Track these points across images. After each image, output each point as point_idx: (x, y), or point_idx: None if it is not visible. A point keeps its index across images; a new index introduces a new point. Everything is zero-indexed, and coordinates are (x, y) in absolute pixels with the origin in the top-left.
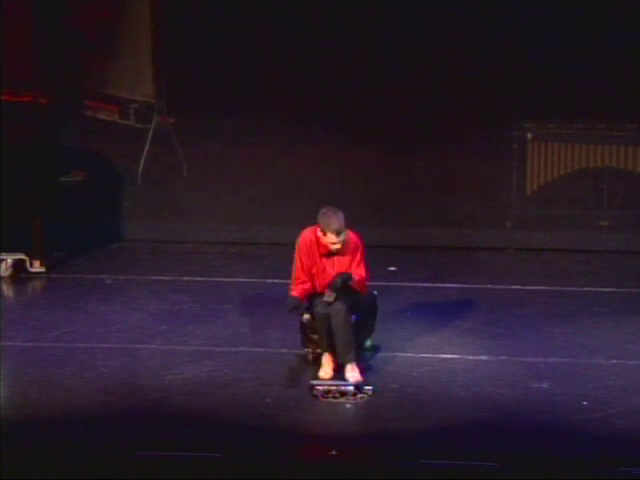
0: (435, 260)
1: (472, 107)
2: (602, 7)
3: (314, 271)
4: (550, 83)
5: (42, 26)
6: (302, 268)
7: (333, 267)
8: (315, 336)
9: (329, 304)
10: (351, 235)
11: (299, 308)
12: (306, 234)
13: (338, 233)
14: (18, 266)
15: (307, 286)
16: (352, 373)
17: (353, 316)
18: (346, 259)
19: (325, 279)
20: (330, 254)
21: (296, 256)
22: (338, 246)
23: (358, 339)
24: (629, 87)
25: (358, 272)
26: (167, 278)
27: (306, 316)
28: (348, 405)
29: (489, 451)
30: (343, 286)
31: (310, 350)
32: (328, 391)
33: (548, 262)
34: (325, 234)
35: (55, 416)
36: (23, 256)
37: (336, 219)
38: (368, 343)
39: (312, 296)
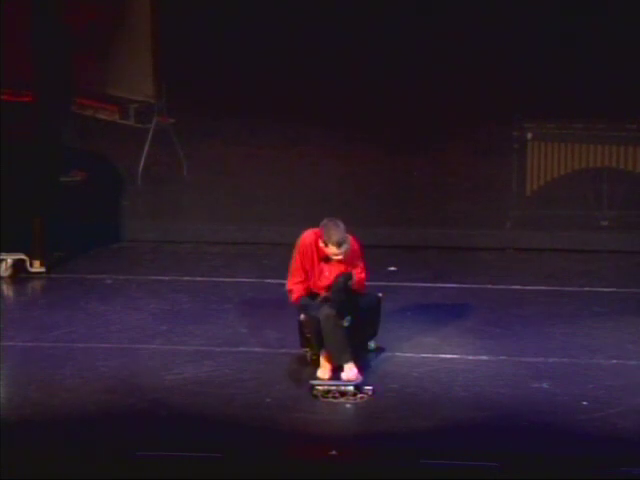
0: (435, 260)
1: (472, 107)
2: (602, 7)
3: (311, 274)
4: (550, 83)
5: (42, 26)
6: (300, 267)
7: (331, 271)
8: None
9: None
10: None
11: (309, 305)
12: (307, 236)
13: (340, 245)
14: (18, 266)
15: (304, 285)
16: (349, 373)
17: (348, 318)
18: (344, 264)
19: (322, 282)
20: (328, 259)
21: (295, 256)
22: (340, 257)
23: (357, 340)
24: (629, 87)
25: (358, 274)
26: (167, 278)
27: (302, 316)
28: (348, 405)
29: (489, 451)
30: (345, 287)
31: (308, 350)
32: (328, 391)
33: (548, 262)
34: (327, 246)
35: (55, 416)
36: (23, 256)
37: (337, 231)
38: (372, 345)
39: (308, 297)
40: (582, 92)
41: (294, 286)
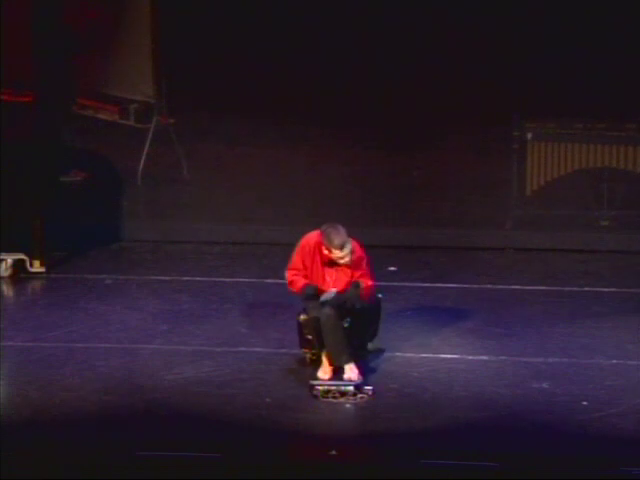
0: (435, 260)
1: (472, 107)
2: (602, 7)
3: (312, 276)
4: (550, 83)
5: (42, 26)
6: (301, 262)
7: (332, 276)
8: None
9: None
10: (354, 245)
11: (315, 295)
12: (311, 237)
13: (342, 247)
14: (18, 266)
15: (305, 277)
16: (350, 374)
17: (347, 319)
18: (347, 270)
19: (323, 286)
20: (332, 263)
21: (296, 253)
22: (347, 259)
23: (357, 341)
24: (629, 87)
25: (365, 282)
26: (167, 278)
27: (302, 317)
28: (348, 405)
29: (489, 451)
30: (356, 297)
31: (307, 351)
32: (328, 391)
33: (548, 262)
34: (331, 251)
35: (55, 416)
36: (23, 256)
37: (337, 234)
38: (371, 346)
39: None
40: (582, 92)
41: (294, 277)
